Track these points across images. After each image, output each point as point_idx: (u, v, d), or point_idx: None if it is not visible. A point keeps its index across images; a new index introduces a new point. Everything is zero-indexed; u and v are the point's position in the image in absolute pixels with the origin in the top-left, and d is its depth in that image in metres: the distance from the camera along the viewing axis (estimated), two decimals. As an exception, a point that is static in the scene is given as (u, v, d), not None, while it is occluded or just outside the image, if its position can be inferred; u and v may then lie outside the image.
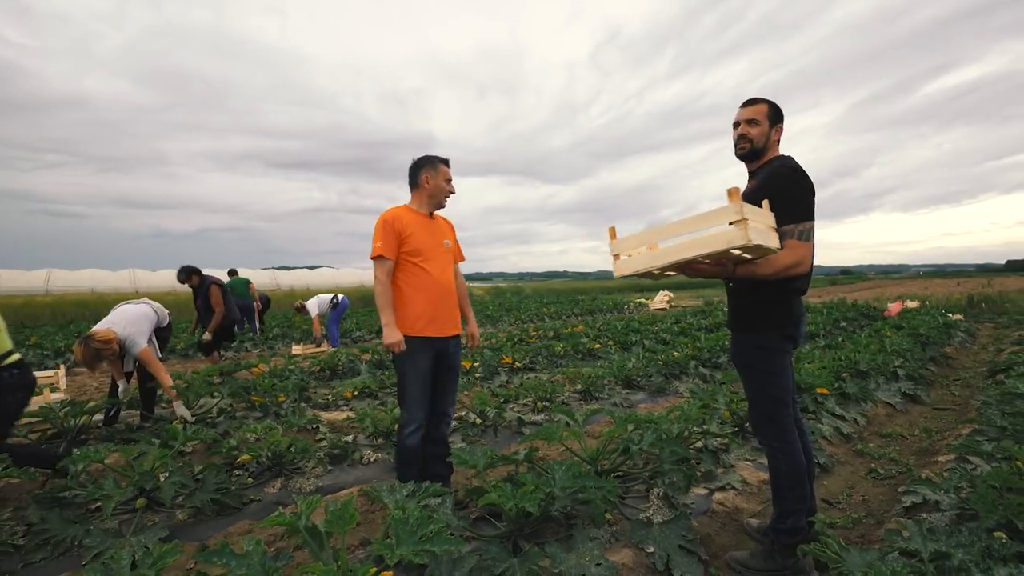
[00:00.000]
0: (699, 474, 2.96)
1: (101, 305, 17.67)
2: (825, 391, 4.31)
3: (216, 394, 4.57)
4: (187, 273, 6.71)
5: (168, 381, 4.00)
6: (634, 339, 8.30)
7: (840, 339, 7.45)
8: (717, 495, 2.78)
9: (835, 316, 10.13)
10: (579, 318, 14.83)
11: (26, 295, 19.91)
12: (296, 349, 8.71)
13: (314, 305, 8.99)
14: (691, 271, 1.95)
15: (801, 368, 4.77)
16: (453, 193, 2.72)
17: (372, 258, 2.57)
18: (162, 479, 2.74)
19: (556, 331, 9.52)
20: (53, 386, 5.21)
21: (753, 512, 2.68)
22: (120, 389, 4.15)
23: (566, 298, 25.50)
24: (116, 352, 3.82)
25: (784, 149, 2.15)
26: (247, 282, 10.64)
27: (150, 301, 4.36)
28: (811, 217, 1.96)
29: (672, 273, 2.02)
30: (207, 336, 6.61)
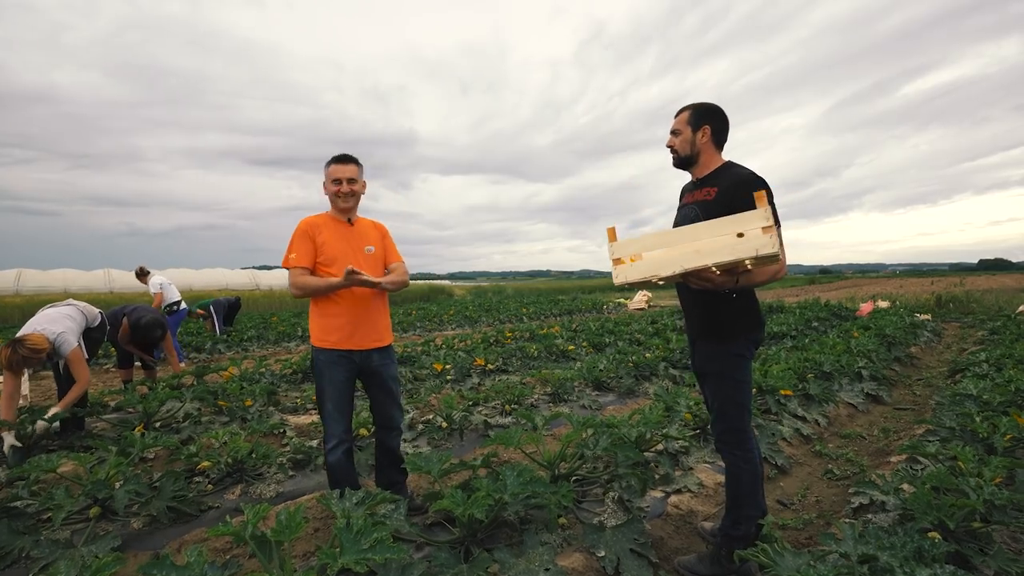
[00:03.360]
0: (657, 477, 3.00)
1: (74, 305, 17.31)
2: (789, 392, 4.40)
3: (180, 398, 4.51)
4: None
5: (81, 387, 3.86)
6: (608, 340, 8.37)
7: (807, 340, 7.59)
8: (673, 498, 2.82)
9: (808, 316, 10.32)
10: (557, 318, 14.89)
11: (-4, 296, 19.45)
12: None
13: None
14: (697, 281, 1.87)
15: (767, 370, 4.86)
16: (343, 193, 2.52)
17: (284, 267, 2.51)
18: (118, 487, 2.71)
19: (532, 332, 9.55)
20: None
21: (707, 515, 2.74)
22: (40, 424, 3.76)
23: (546, 298, 25.57)
24: (43, 360, 3.76)
25: (765, 149, 2.17)
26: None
27: (76, 302, 4.26)
28: (779, 223, 2.01)
29: (661, 284, 1.91)
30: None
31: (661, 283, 1.91)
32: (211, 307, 10.56)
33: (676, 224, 2.26)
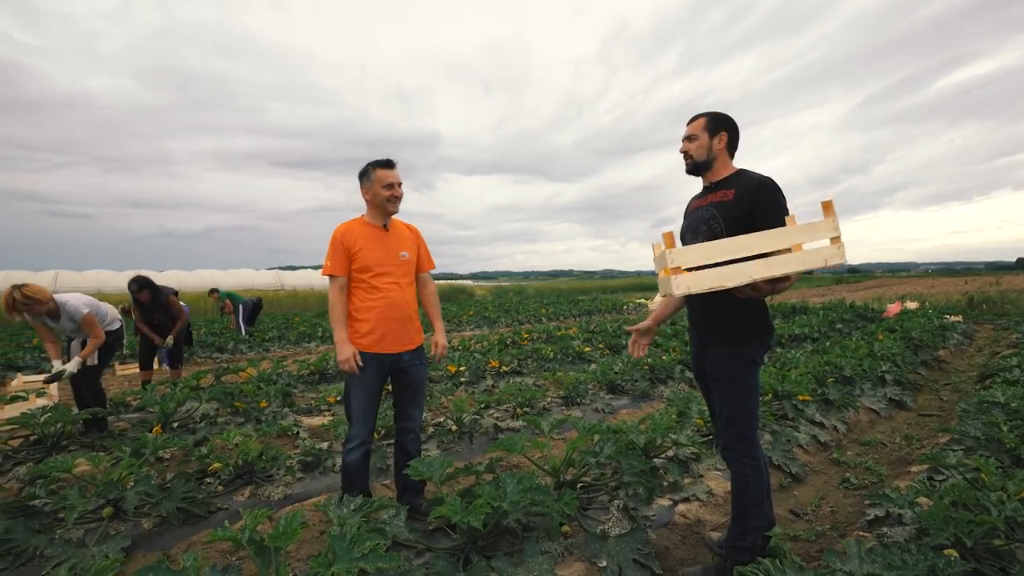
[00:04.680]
0: (665, 485, 2.95)
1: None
2: (807, 397, 4.28)
3: (198, 399, 4.60)
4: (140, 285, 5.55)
5: (96, 343, 4.11)
6: (625, 342, 8.27)
7: (828, 343, 7.39)
8: (681, 507, 2.77)
9: (831, 318, 10.06)
10: (576, 319, 14.81)
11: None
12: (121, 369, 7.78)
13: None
14: (749, 291, 1.84)
15: (784, 374, 4.74)
16: (397, 196, 2.58)
17: (323, 275, 2.57)
18: (130, 488, 2.77)
19: (549, 333, 9.51)
20: (42, 390, 5.24)
21: (716, 524, 2.67)
22: (55, 368, 4.11)
23: (566, 298, 25.46)
24: (39, 312, 3.94)
25: (792, 146, 2.13)
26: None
27: (101, 303, 4.45)
28: None
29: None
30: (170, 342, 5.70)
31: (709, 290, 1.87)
32: (240, 306, 10.86)
33: (683, 231, 2.23)
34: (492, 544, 2.34)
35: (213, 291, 11.53)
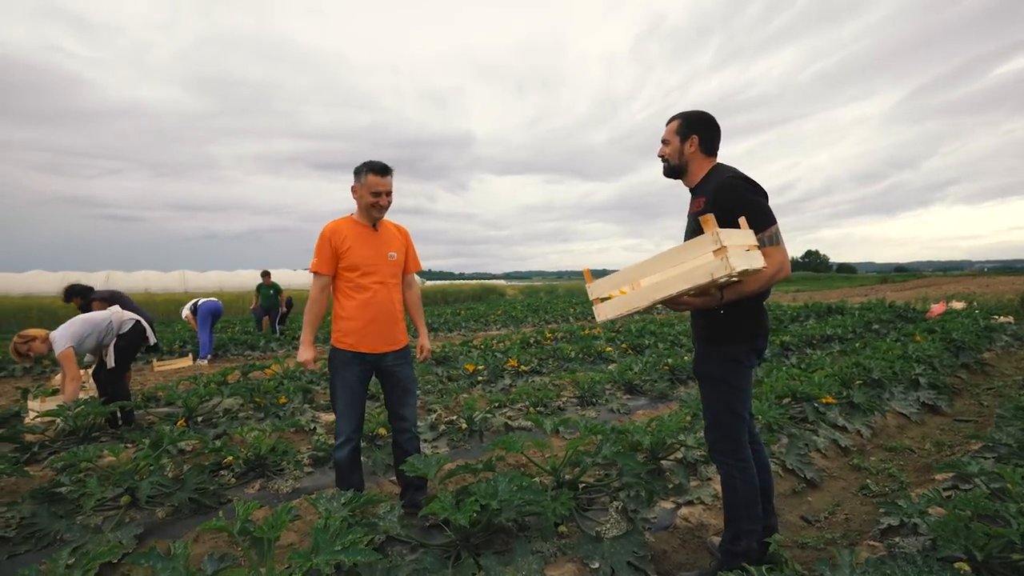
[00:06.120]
0: (670, 487, 2.89)
1: (154, 304, 18.69)
2: (830, 400, 4.13)
3: (220, 394, 4.76)
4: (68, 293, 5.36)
5: (70, 389, 4.13)
6: (648, 341, 8.15)
7: (858, 344, 7.09)
8: (683, 510, 2.70)
9: (867, 318, 9.65)
10: (605, 319, 14.65)
11: (86, 296, 21.29)
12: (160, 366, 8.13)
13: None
14: (677, 306, 1.94)
15: (808, 376, 4.58)
16: (381, 205, 2.57)
17: (309, 271, 2.61)
18: (144, 478, 2.88)
19: (573, 332, 9.44)
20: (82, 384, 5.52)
21: (718, 529, 2.60)
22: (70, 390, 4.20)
23: (597, 298, 25.23)
24: (38, 351, 4.20)
25: (836, 141, 2.09)
26: (276, 290, 10.98)
27: (115, 308, 4.62)
28: (774, 220, 1.92)
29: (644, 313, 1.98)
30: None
31: (642, 310, 1.93)
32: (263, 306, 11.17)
33: (685, 233, 2.22)
34: (486, 543, 2.33)
35: (266, 273, 10.84)
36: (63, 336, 4.16)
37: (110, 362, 4.36)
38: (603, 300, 1.89)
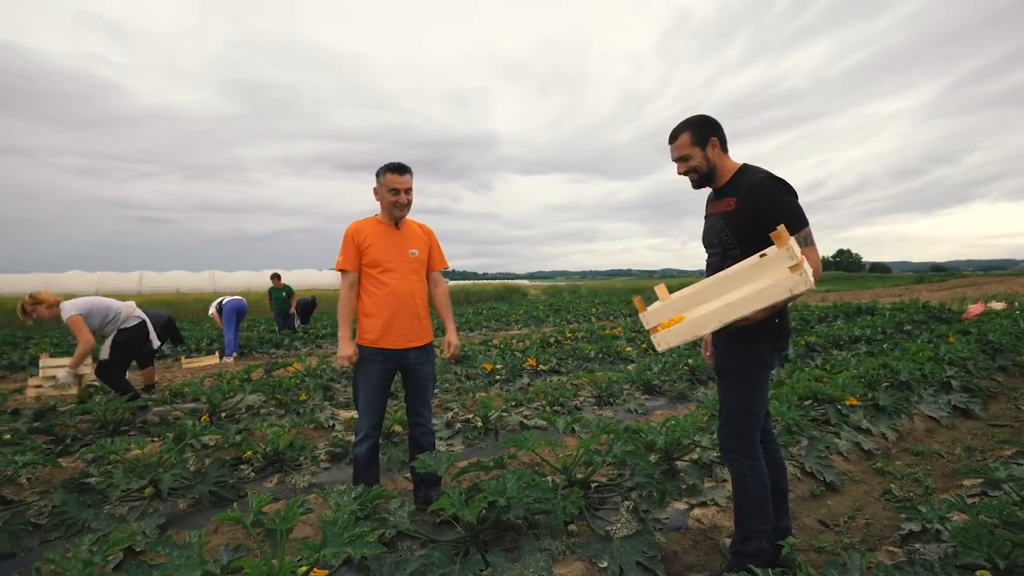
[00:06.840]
0: (683, 488, 2.85)
1: (183, 303, 19.28)
2: (855, 402, 4.02)
3: (243, 391, 4.88)
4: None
5: (80, 352, 4.56)
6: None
7: (886, 345, 6.87)
8: (696, 511, 2.67)
9: (899, 319, 9.35)
10: (626, 319, 14.53)
11: (122, 295, 22.11)
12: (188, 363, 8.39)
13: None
14: (740, 323, 1.82)
15: (831, 378, 4.47)
16: (401, 203, 2.63)
17: (335, 269, 2.68)
18: (167, 471, 2.98)
19: (593, 332, 9.39)
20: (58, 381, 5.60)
21: (732, 531, 2.55)
22: (63, 372, 4.75)
23: (619, 297, 25.03)
24: (42, 314, 4.54)
25: (869, 136, 2.05)
26: (288, 292, 11.18)
27: (130, 304, 4.94)
28: (807, 221, 1.90)
29: None
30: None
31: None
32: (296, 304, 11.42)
33: (702, 237, 2.20)
34: (496, 540, 2.34)
35: (276, 276, 10.99)
36: (73, 305, 4.50)
37: (104, 353, 4.59)
38: (659, 329, 1.82)
